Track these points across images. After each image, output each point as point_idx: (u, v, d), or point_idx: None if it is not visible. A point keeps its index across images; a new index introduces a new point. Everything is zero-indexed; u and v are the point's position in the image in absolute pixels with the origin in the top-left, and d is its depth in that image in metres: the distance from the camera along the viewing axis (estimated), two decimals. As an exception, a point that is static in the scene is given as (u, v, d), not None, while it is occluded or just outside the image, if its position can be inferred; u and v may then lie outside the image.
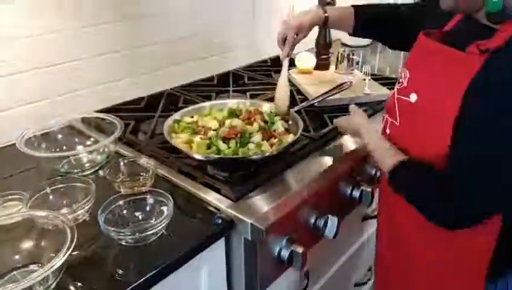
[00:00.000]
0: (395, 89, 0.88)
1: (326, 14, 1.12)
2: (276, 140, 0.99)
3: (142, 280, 0.72)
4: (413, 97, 0.81)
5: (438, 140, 0.76)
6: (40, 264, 0.71)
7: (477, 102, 0.71)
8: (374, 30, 1.18)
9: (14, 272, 0.71)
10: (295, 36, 1.10)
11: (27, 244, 0.75)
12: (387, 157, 0.84)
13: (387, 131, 0.90)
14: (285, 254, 0.92)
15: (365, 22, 1.15)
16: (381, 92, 1.36)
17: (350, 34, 1.20)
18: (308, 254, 0.96)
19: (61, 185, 0.88)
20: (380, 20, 1.15)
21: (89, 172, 1.01)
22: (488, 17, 0.73)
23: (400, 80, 0.87)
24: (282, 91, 1.14)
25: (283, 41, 1.11)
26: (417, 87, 0.82)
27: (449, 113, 0.74)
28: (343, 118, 1.07)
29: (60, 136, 1.08)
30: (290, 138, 1.01)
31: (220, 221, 0.85)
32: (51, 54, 1.18)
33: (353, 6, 1.17)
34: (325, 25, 1.14)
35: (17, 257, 0.73)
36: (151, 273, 0.73)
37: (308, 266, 1.18)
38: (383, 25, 1.15)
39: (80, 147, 1.05)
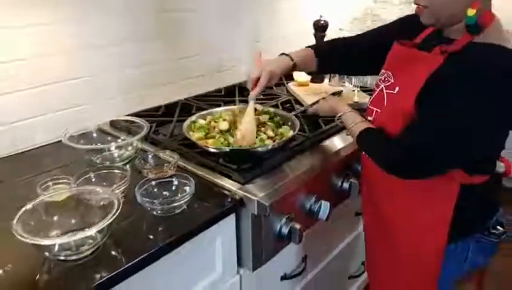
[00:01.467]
0: (382, 87, 1.08)
1: (293, 61, 1.22)
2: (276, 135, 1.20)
3: (168, 242, 0.90)
4: (396, 90, 1.02)
5: (408, 116, 0.97)
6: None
7: (433, 89, 0.92)
8: (334, 62, 1.30)
9: (69, 233, 0.89)
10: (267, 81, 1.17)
11: (78, 214, 0.92)
12: (358, 127, 1.08)
13: (374, 119, 1.10)
14: (285, 230, 1.10)
15: (325, 57, 1.27)
16: (367, 100, 1.56)
17: (314, 73, 1.34)
18: (305, 236, 1.13)
19: (102, 171, 1.06)
20: (337, 51, 1.29)
21: (118, 165, 1.18)
22: (467, 29, 0.91)
23: (386, 79, 1.08)
24: (248, 128, 1.19)
25: (255, 81, 1.18)
26: (398, 82, 1.03)
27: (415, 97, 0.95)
28: (321, 104, 1.30)
29: (94, 135, 1.27)
30: (290, 133, 1.21)
31: (231, 202, 1.02)
32: (81, 68, 1.37)
33: (309, 46, 1.30)
34: (293, 70, 1.24)
35: (73, 221, 0.91)
36: (175, 238, 0.91)
37: (306, 252, 1.36)
38: (341, 55, 1.28)
39: (112, 144, 1.24)
